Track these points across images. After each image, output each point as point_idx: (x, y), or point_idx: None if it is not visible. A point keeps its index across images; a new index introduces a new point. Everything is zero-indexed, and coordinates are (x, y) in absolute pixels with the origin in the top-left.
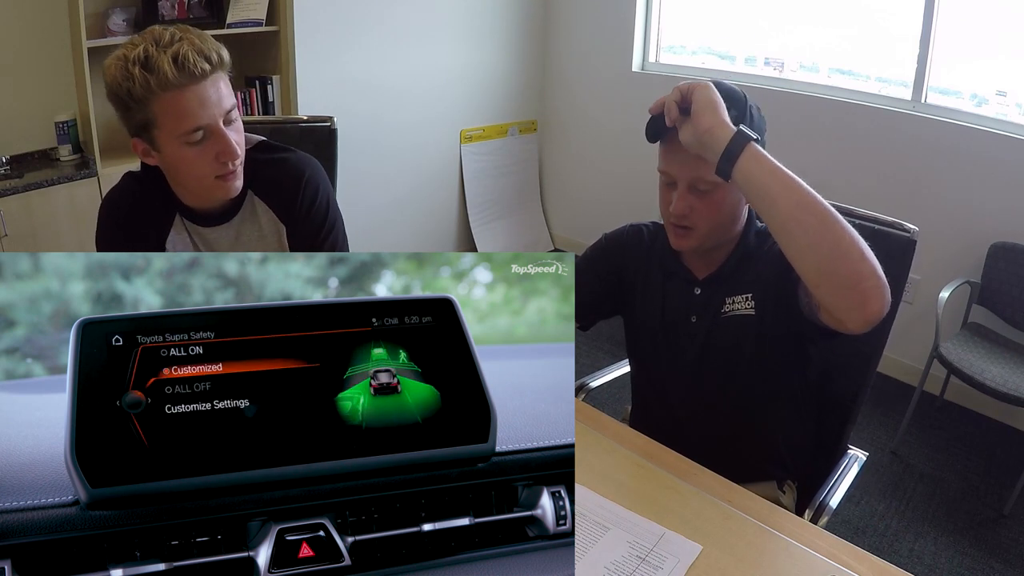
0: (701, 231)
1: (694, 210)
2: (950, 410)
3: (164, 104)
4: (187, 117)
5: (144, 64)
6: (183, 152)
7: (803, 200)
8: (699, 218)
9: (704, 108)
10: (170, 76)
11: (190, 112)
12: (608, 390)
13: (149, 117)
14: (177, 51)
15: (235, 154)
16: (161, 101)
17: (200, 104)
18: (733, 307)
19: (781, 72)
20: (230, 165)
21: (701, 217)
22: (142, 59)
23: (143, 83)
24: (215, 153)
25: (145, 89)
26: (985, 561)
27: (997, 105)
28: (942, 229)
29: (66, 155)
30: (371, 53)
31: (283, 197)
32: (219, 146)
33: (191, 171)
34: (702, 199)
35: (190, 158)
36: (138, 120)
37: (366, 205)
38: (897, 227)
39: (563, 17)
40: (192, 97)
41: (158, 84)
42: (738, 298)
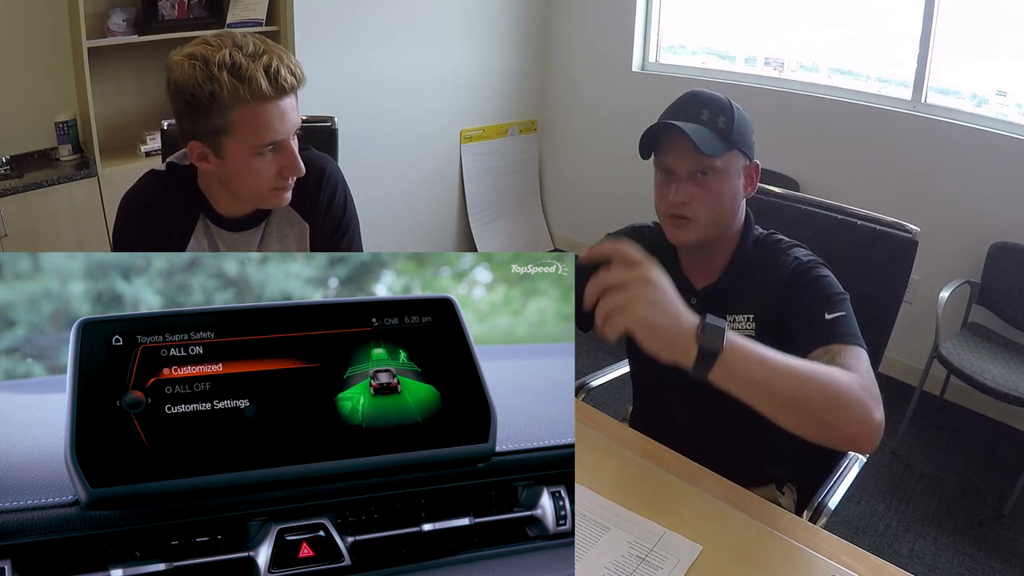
0: (700, 222)
1: (693, 199)
2: (950, 410)
3: (248, 114)
4: (267, 130)
5: (233, 70)
6: (251, 162)
7: (788, 393)
8: (698, 207)
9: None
10: (264, 88)
11: (271, 126)
12: (608, 390)
13: (226, 124)
14: (269, 63)
15: (299, 170)
16: (246, 111)
17: (280, 119)
18: (734, 327)
19: (781, 72)
20: (290, 180)
21: (700, 205)
22: (229, 64)
23: (232, 90)
24: (280, 167)
25: (233, 96)
26: (985, 561)
27: (997, 105)
28: (942, 229)
29: (66, 155)
30: (371, 53)
31: (306, 195)
32: (285, 161)
33: (253, 181)
34: (702, 187)
35: (256, 168)
36: (211, 125)
37: (366, 205)
38: (898, 227)
39: (563, 17)
40: (276, 111)
41: (250, 94)
42: (739, 318)
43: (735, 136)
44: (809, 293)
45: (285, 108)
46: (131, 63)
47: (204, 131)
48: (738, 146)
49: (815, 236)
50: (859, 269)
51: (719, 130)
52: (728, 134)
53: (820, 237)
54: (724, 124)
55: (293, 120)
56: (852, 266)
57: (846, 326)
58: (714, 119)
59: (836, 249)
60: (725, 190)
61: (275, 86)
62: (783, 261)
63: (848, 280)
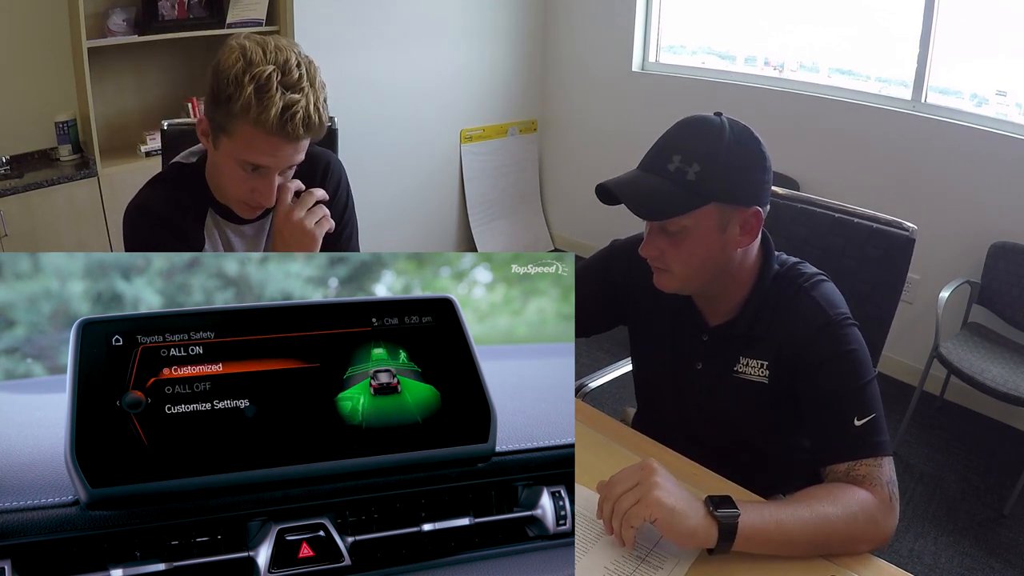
0: (676, 275)
1: (665, 252)
2: (950, 410)
3: (247, 133)
4: (256, 155)
5: (258, 90)
6: (232, 169)
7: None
8: (671, 261)
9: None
10: (270, 121)
11: (262, 153)
12: (608, 390)
13: (228, 127)
14: (293, 103)
15: (269, 202)
16: (247, 129)
17: (273, 154)
18: (746, 369)
19: (781, 72)
20: (261, 204)
21: (672, 260)
22: (260, 81)
23: (245, 105)
24: (254, 188)
25: (244, 110)
26: (985, 561)
27: (997, 105)
28: (942, 229)
29: (66, 155)
30: (371, 53)
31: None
32: (262, 185)
33: (227, 183)
34: (672, 242)
35: (234, 176)
36: (219, 119)
37: (366, 205)
38: (895, 225)
39: (563, 17)
40: (273, 145)
41: (255, 119)
42: (753, 363)
43: (713, 186)
44: (839, 374)
45: (284, 147)
46: (131, 63)
47: (212, 118)
48: (717, 199)
49: (812, 234)
50: (856, 267)
51: (687, 183)
52: (701, 186)
53: (817, 235)
54: (697, 175)
55: (288, 159)
56: (849, 264)
57: (875, 432)
58: (684, 169)
59: (833, 247)
60: (699, 246)
61: (281, 126)
62: (806, 306)
63: (845, 278)
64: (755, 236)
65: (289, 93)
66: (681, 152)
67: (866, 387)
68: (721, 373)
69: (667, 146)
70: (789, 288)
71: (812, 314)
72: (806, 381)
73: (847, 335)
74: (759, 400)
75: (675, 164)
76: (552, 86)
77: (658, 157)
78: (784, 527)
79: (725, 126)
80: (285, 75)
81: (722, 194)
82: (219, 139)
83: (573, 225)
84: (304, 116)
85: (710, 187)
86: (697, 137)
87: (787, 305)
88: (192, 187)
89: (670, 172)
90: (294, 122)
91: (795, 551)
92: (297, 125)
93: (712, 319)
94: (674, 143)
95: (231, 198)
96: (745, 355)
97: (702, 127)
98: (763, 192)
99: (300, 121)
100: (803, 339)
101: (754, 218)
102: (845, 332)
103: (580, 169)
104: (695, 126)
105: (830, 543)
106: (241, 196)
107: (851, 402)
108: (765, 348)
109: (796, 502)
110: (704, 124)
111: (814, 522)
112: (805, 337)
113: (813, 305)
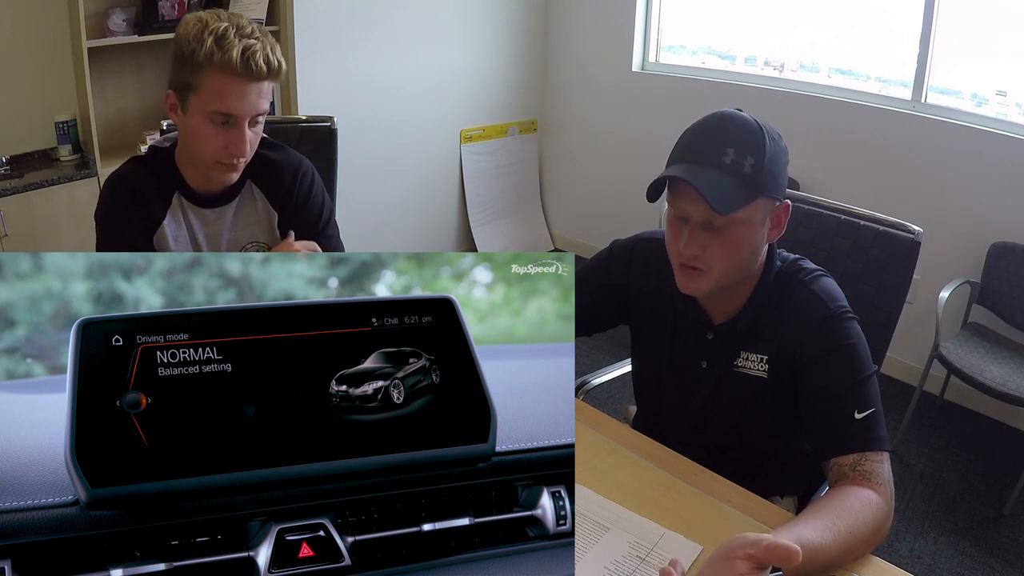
0: (715, 273)
1: (707, 249)
2: (950, 410)
3: (213, 80)
4: (224, 101)
5: (218, 39)
6: (203, 126)
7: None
8: (713, 258)
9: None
10: (234, 61)
11: (229, 99)
12: (608, 390)
13: (194, 82)
14: (250, 45)
15: (243, 151)
16: (213, 76)
17: (240, 97)
18: (746, 364)
19: (781, 72)
20: (235, 160)
21: (716, 257)
22: (219, 34)
23: (208, 53)
24: (227, 142)
25: (207, 59)
26: (985, 561)
27: (997, 105)
28: (942, 229)
29: (66, 155)
30: (371, 53)
31: (280, 187)
32: (234, 137)
33: (200, 146)
34: (717, 237)
35: (205, 134)
36: (184, 78)
37: (366, 205)
38: (901, 228)
39: (563, 17)
40: (238, 87)
41: (220, 62)
42: (753, 357)
43: (764, 180)
44: (839, 367)
45: (248, 89)
46: (131, 63)
47: (179, 83)
48: (767, 192)
49: (817, 236)
50: (861, 269)
51: (744, 176)
52: (755, 179)
53: (823, 237)
54: (752, 168)
55: (254, 104)
56: (854, 266)
57: (874, 427)
58: (740, 162)
59: (838, 249)
60: (745, 241)
61: (244, 64)
62: (806, 300)
63: (850, 280)
64: (782, 230)
65: (245, 38)
66: (733, 145)
67: (866, 381)
68: (724, 368)
69: (716, 139)
70: (789, 283)
71: (812, 308)
72: (806, 374)
73: (847, 329)
74: (759, 396)
75: (731, 157)
76: (552, 86)
77: (710, 150)
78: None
79: (756, 121)
80: (240, 28)
81: (771, 187)
82: (187, 101)
83: (573, 225)
84: (264, 56)
85: (763, 180)
86: (743, 131)
87: (787, 300)
88: (162, 169)
89: (727, 165)
90: (255, 59)
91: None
92: (259, 63)
93: (717, 317)
94: (722, 136)
95: (207, 160)
96: (746, 350)
97: (742, 122)
98: (787, 186)
99: (262, 59)
100: (803, 332)
101: (784, 212)
102: (845, 326)
103: (580, 169)
104: (735, 121)
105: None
106: (216, 154)
107: (851, 396)
108: (765, 343)
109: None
110: (742, 119)
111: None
112: (805, 331)
113: (813, 299)
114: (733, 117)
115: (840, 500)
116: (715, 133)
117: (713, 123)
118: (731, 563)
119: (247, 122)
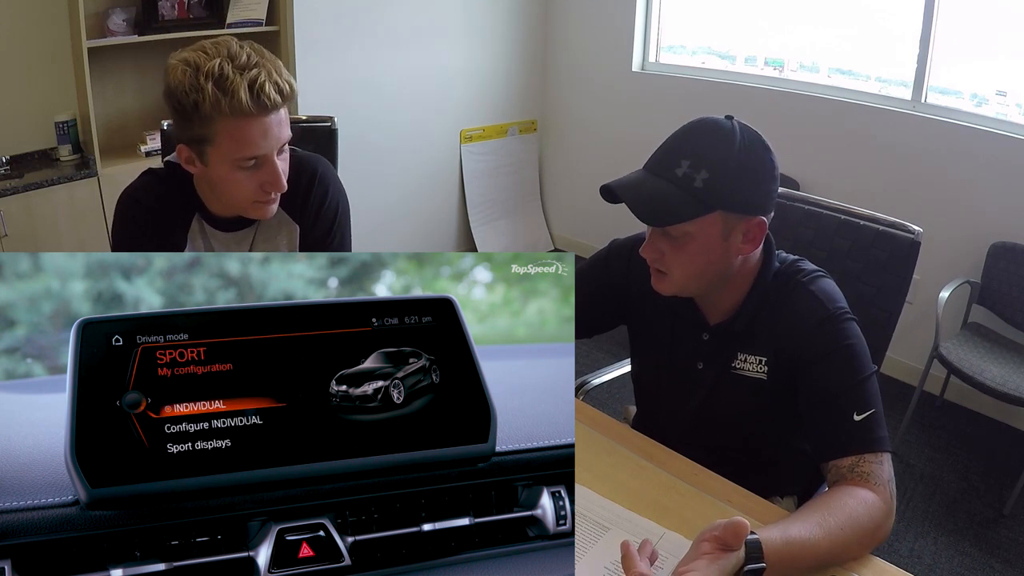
0: (676, 278)
1: (665, 256)
2: (950, 410)
3: (229, 128)
4: (248, 146)
5: (218, 82)
6: (231, 174)
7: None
8: (672, 264)
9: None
10: (244, 104)
11: (252, 142)
12: (608, 390)
13: (208, 135)
14: (255, 78)
15: (281, 186)
16: (227, 124)
17: (263, 135)
18: (745, 365)
19: (781, 72)
20: (272, 195)
21: (674, 264)
22: (216, 75)
23: (214, 102)
24: (261, 181)
25: (215, 108)
26: (985, 561)
27: (997, 105)
28: (942, 229)
29: (66, 155)
30: (371, 53)
31: (296, 196)
32: (267, 176)
33: (234, 192)
34: (672, 245)
35: (237, 180)
36: (195, 133)
37: (366, 205)
38: (901, 228)
39: (563, 17)
40: (258, 127)
41: (230, 108)
42: (751, 358)
43: (720, 195)
44: (838, 368)
45: (269, 124)
46: (131, 63)
47: (189, 137)
48: (723, 207)
49: (817, 236)
50: (861, 269)
51: (694, 190)
52: (707, 195)
53: (823, 237)
54: (704, 183)
55: (278, 135)
56: (854, 266)
57: (874, 428)
58: (691, 176)
59: (838, 249)
60: (700, 253)
61: (257, 102)
62: (805, 301)
63: (850, 280)
64: (758, 245)
65: (246, 73)
66: (690, 157)
67: (865, 382)
68: (721, 370)
69: (676, 149)
70: (788, 284)
71: (811, 309)
72: (805, 376)
73: (846, 329)
74: (757, 397)
75: (683, 169)
76: (552, 86)
77: (666, 160)
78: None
79: (736, 132)
80: (234, 61)
81: (728, 203)
82: (205, 153)
83: (573, 225)
84: (273, 84)
85: (717, 195)
86: (707, 142)
87: (785, 301)
88: (183, 189)
89: (677, 177)
90: (266, 92)
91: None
92: (271, 94)
93: (712, 318)
94: (683, 147)
95: (244, 206)
96: (743, 351)
97: (713, 132)
98: (769, 201)
99: (272, 90)
100: (802, 333)
101: (758, 228)
102: (844, 326)
103: (580, 169)
104: (706, 130)
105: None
106: (252, 196)
107: (850, 397)
108: (764, 344)
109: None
110: (715, 129)
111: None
112: (804, 332)
113: (812, 300)
114: (706, 126)
115: (833, 499)
116: (679, 143)
117: (685, 131)
118: (698, 546)
119: (275, 155)
